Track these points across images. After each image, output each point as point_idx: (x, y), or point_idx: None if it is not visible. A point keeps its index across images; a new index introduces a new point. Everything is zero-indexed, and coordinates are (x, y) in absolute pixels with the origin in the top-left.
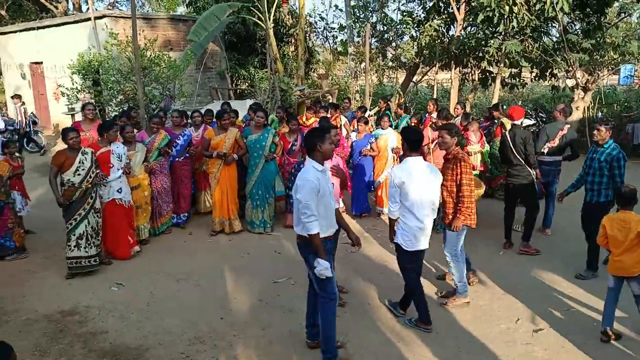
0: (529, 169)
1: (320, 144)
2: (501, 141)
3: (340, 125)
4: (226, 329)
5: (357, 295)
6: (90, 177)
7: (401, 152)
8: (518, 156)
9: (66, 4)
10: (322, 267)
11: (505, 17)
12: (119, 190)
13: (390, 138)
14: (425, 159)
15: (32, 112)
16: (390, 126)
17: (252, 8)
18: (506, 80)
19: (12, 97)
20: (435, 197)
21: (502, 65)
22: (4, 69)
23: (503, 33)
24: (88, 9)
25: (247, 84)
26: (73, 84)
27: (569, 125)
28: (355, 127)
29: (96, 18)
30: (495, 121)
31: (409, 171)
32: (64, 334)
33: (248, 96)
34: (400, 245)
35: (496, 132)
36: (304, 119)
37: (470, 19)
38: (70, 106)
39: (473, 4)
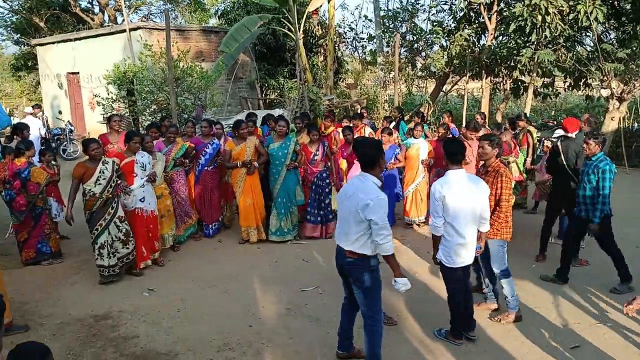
0: (576, 180)
1: (380, 158)
2: (551, 151)
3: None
4: (254, 337)
5: (385, 305)
6: (111, 186)
7: (430, 163)
8: (567, 168)
9: (102, 15)
10: (403, 284)
11: (538, 26)
12: (142, 200)
13: (422, 148)
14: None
15: (68, 121)
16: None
17: (282, 19)
18: (539, 89)
19: (32, 108)
20: (478, 209)
21: (534, 74)
22: (42, 79)
23: (535, 42)
24: (123, 20)
25: (276, 93)
26: (108, 94)
27: None
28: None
29: (131, 30)
30: (519, 131)
31: (450, 184)
32: (96, 338)
33: (277, 106)
34: (442, 261)
35: (522, 141)
36: (323, 128)
37: (502, 29)
38: (105, 115)
39: (505, 13)
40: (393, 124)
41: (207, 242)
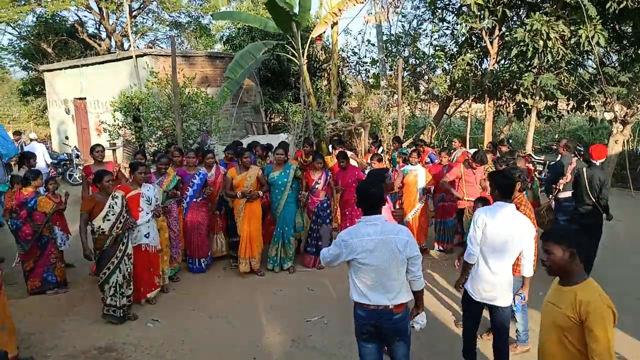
0: (600, 210)
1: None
2: (575, 178)
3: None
4: None
5: None
6: (121, 222)
7: (431, 191)
8: (592, 196)
9: (109, 41)
10: (424, 318)
11: (540, 51)
12: (147, 235)
13: (420, 174)
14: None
15: (74, 146)
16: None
17: (286, 45)
18: (542, 112)
19: (13, 134)
20: (516, 248)
21: (537, 97)
22: (49, 104)
23: (538, 66)
24: (130, 46)
25: (280, 117)
26: (115, 120)
27: (576, 158)
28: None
29: (137, 56)
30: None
31: (495, 217)
32: None
33: (282, 130)
34: (467, 290)
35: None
36: (303, 156)
37: (504, 53)
38: (111, 141)
39: (506, 38)
40: (405, 144)
41: (208, 272)
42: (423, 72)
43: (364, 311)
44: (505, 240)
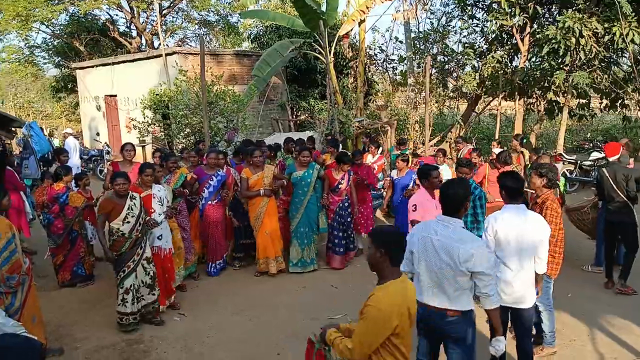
0: (631, 206)
1: (468, 201)
2: (598, 177)
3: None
4: None
5: None
6: (140, 224)
7: None
8: (620, 193)
9: (139, 39)
10: (503, 343)
11: (572, 49)
12: (159, 237)
13: (445, 174)
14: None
15: (105, 142)
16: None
17: (313, 43)
18: (574, 110)
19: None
20: (530, 251)
21: (569, 95)
22: (81, 101)
23: (570, 64)
24: (160, 44)
25: (306, 115)
26: (144, 117)
27: (632, 159)
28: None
29: (167, 55)
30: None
31: (505, 219)
32: None
33: (308, 127)
34: None
35: (516, 161)
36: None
37: (535, 51)
38: (141, 138)
39: (538, 36)
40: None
41: (229, 270)
42: (451, 69)
43: (419, 307)
44: (517, 243)
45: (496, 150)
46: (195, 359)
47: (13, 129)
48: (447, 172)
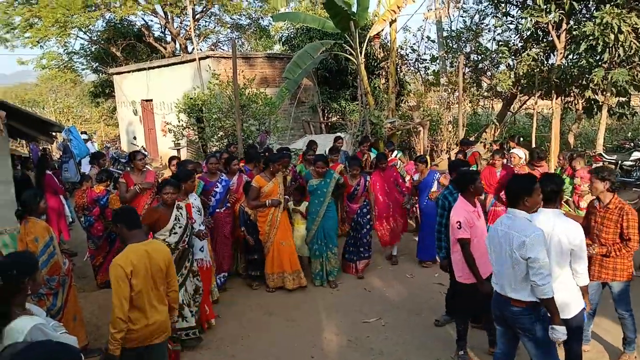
0: None
1: (526, 194)
2: None
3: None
4: None
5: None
6: (187, 235)
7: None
8: None
9: (174, 44)
10: (562, 332)
11: (610, 45)
12: (202, 249)
13: None
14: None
15: (142, 146)
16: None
17: (344, 44)
18: (613, 109)
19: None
20: (564, 257)
21: (608, 93)
22: (118, 106)
23: (608, 61)
24: (193, 49)
25: (338, 116)
26: (179, 121)
27: None
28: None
29: (200, 59)
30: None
31: (541, 224)
32: None
33: (339, 129)
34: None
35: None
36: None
37: (572, 48)
38: (176, 141)
39: (575, 32)
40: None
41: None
42: (485, 68)
43: (495, 295)
44: (554, 247)
45: (516, 150)
46: None
47: (53, 133)
48: None
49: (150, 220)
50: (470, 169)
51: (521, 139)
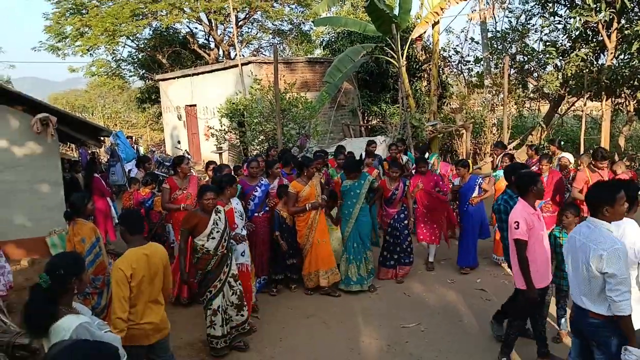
0: None
1: (610, 205)
2: None
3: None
4: None
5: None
6: (226, 240)
7: None
8: None
9: (217, 51)
10: (635, 355)
11: None
12: (243, 254)
13: None
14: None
15: (186, 150)
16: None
17: (385, 47)
18: None
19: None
20: (633, 270)
21: None
22: (163, 111)
23: None
24: (236, 55)
25: (378, 120)
26: (221, 125)
27: None
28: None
29: (242, 64)
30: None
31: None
32: None
33: (379, 132)
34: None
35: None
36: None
37: (623, 47)
38: (218, 145)
39: (626, 32)
40: (512, 145)
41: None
42: (532, 69)
43: (574, 306)
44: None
45: (567, 154)
46: None
47: (101, 137)
48: None
49: (189, 225)
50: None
51: (561, 142)
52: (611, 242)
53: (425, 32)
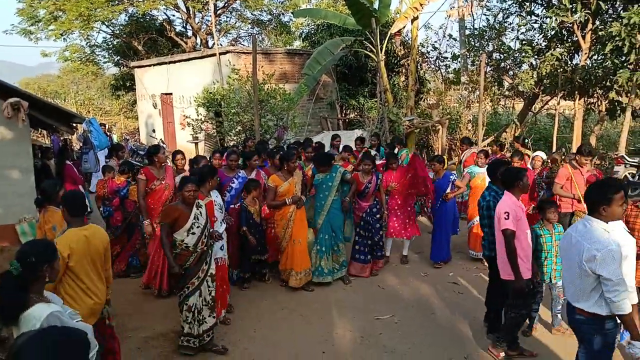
0: None
1: (607, 205)
2: None
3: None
4: None
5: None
6: (206, 236)
7: None
8: None
9: (194, 39)
10: (638, 348)
11: (637, 46)
12: (222, 248)
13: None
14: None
15: (160, 139)
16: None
17: (364, 41)
18: (637, 111)
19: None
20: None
21: (633, 95)
22: (138, 99)
23: (634, 63)
24: (214, 44)
25: (356, 113)
26: (198, 115)
27: None
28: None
29: (220, 54)
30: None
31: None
32: (177, 354)
33: (357, 126)
34: None
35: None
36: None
37: (597, 48)
38: (194, 135)
39: (600, 33)
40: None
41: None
42: (508, 67)
43: (567, 301)
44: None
45: (540, 153)
46: (241, 354)
47: (74, 124)
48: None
49: (170, 219)
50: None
51: (526, 140)
52: (605, 242)
53: (404, 27)
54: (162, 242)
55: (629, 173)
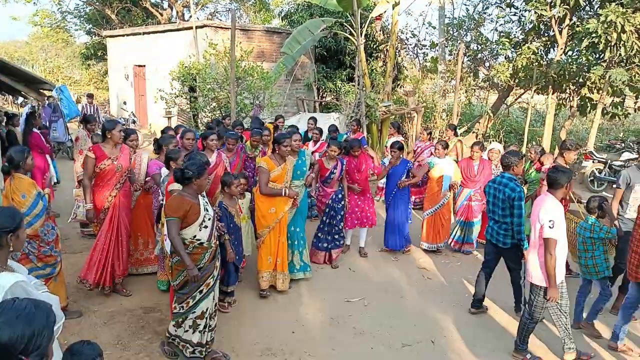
0: None
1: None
2: None
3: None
4: (297, 344)
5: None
6: (216, 230)
7: (458, 189)
8: None
9: (170, 11)
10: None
11: (612, 44)
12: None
13: (447, 169)
14: None
15: (132, 112)
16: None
17: (344, 23)
18: (607, 108)
19: (86, 96)
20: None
21: (604, 93)
22: (109, 69)
23: (608, 60)
24: (190, 17)
25: (332, 96)
26: (172, 89)
27: None
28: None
29: (197, 27)
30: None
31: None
32: (144, 330)
33: (333, 109)
34: None
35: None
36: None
37: (573, 44)
38: (167, 109)
39: (577, 28)
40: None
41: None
42: (484, 58)
43: None
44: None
45: (496, 145)
46: (218, 339)
47: (43, 91)
48: (449, 167)
49: (180, 213)
50: (451, 159)
51: (456, 128)
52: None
53: (385, 11)
54: (175, 244)
55: (596, 169)
